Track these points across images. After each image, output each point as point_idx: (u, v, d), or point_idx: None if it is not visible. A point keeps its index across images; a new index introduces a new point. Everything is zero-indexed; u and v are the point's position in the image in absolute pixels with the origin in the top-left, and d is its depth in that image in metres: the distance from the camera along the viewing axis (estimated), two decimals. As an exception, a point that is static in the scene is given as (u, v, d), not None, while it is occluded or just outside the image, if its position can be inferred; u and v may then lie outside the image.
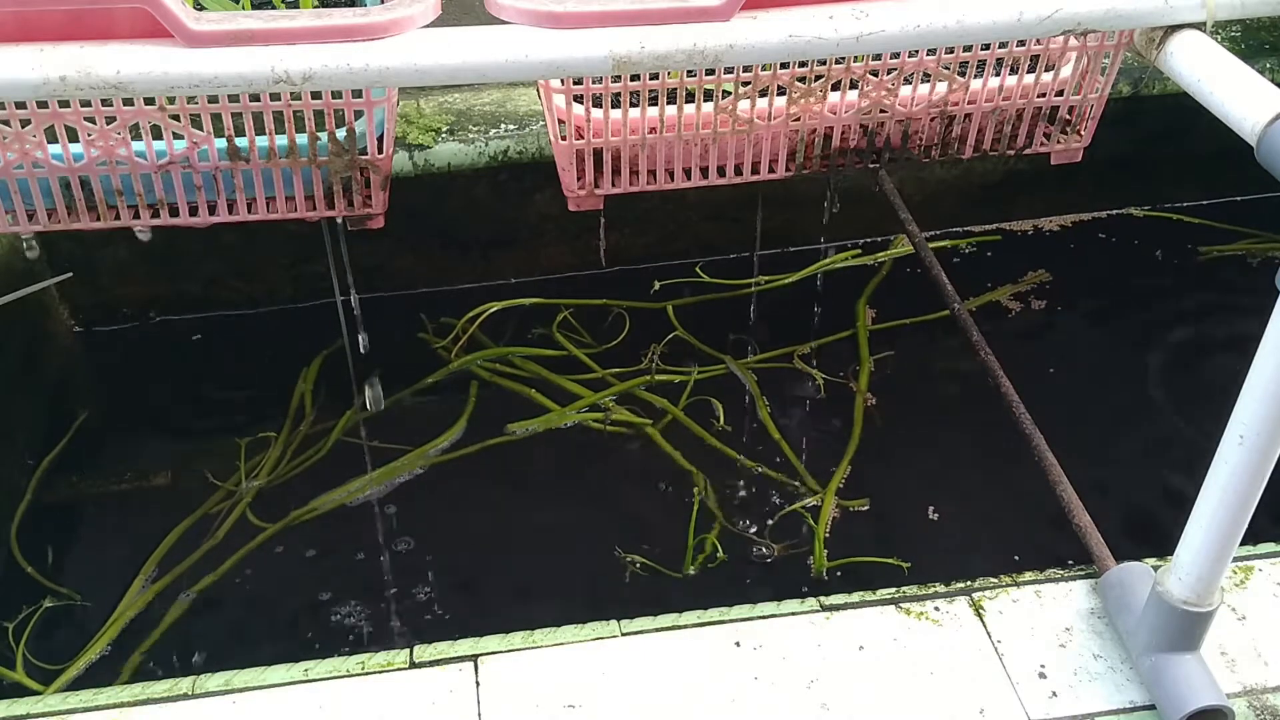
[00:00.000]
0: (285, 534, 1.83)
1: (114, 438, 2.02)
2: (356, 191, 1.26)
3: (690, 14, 1.04)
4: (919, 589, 1.40)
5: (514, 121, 2.04)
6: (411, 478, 1.92)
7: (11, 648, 1.67)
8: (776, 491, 1.89)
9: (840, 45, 1.07)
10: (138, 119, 1.15)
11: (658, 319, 2.21)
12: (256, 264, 2.17)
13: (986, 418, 1.80)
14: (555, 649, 1.33)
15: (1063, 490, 1.52)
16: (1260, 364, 1.04)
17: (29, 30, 1.00)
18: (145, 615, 1.71)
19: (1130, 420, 2.02)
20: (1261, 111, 0.99)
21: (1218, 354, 2.14)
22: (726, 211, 2.27)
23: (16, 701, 1.29)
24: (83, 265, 2.08)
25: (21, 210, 1.23)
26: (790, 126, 1.30)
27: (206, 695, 1.29)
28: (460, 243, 2.20)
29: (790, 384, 2.10)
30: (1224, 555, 1.17)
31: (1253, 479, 1.10)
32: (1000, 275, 2.32)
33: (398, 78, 1.03)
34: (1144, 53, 1.16)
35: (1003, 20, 1.09)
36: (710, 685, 1.29)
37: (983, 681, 1.29)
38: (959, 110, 1.33)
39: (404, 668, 1.31)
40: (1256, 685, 1.29)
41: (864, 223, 2.36)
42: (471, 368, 2.11)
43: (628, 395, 2.06)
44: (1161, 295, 2.29)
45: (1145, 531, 1.80)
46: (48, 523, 1.86)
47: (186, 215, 1.25)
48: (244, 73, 1.00)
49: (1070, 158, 1.41)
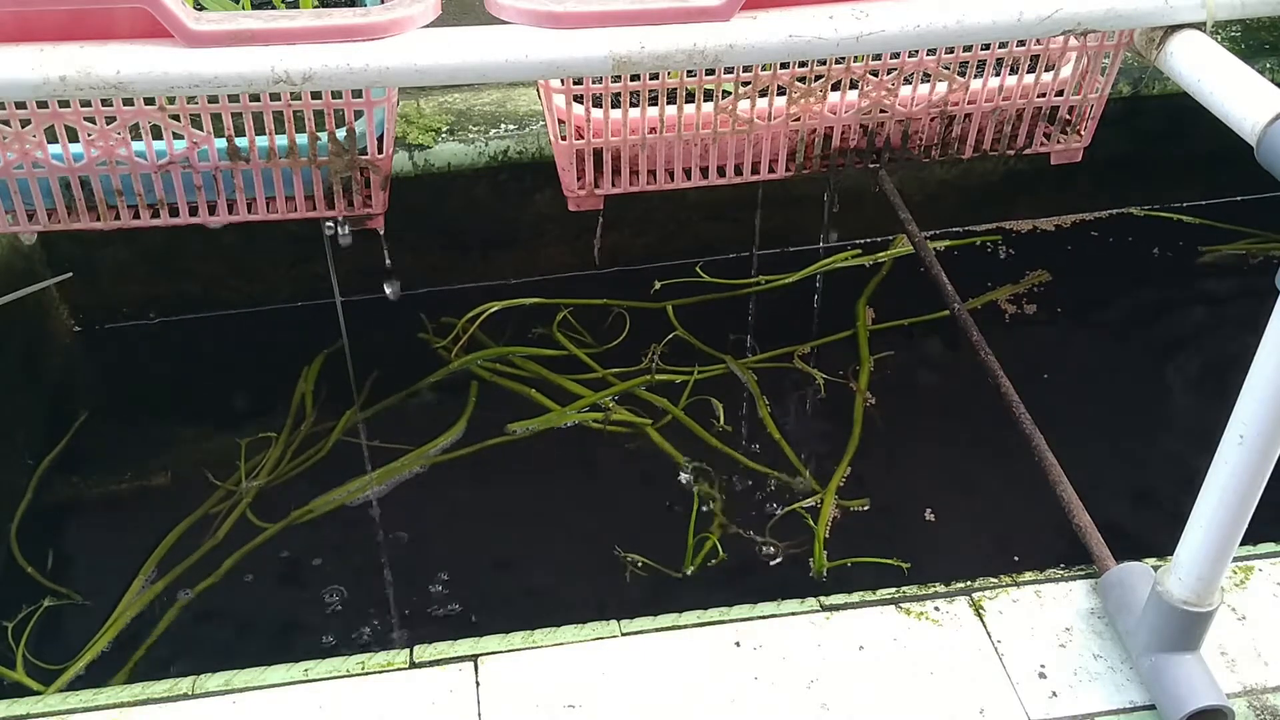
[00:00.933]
0: (285, 534, 1.83)
1: (114, 438, 2.02)
2: (356, 191, 1.26)
3: (690, 14, 1.04)
4: (919, 589, 1.40)
5: (514, 121, 2.04)
6: (411, 478, 1.92)
7: (11, 648, 1.67)
8: (776, 491, 1.89)
9: (840, 45, 1.07)
10: (138, 119, 1.15)
11: (658, 319, 2.21)
12: (256, 264, 2.17)
13: (986, 418, 1.79)
14: (555, 649, 1.33)
15: (1063, 490, 1.52)
16: (1260, 364, 1.04)
17: (29, 30, 1.00)
18: (145, 615, 1.71)
19: (1130, 420, 2.02)
20: (1261, 111, 0.99)
21: (1217, 354, 2.14)
22: (726, 211, 2.27)
23: (16, 701, 1.29)
24: (83, 265, 2.08)
25: (21, 210, 1.23)
26: (790, 126, 1.30)
27: (206, 695, 1.29)
28: (460, 243, 2.20)
29: (790, 384, 2.10)
30: (1224, 555, 1.17)
31: (1253, 479, 1.10)
32: (1000, 275, 2.32)
33: (398, 78, 1.03)
34: (1144, 53, 1.16)
35: (1003, 20, 1.09)
36: (710, 685, 1.29)
37: (983, 681, 1.29)
38: (959, 110, 1.33)
39: (404, 668, 1.31)
40: (1256, 685, 1.29)
41: (864, 223, 2.36)
42: (471, 368, 2.11)
43: (628, 395, 2.06)
44: (1161, 295, 2.29)
45: (1145, 531, 1.79)
46: (48, 523, 1.86)
47: (186, 215, 1.26)
48: (244, 73, 1.00)
49: (1070, 158, 1.41)
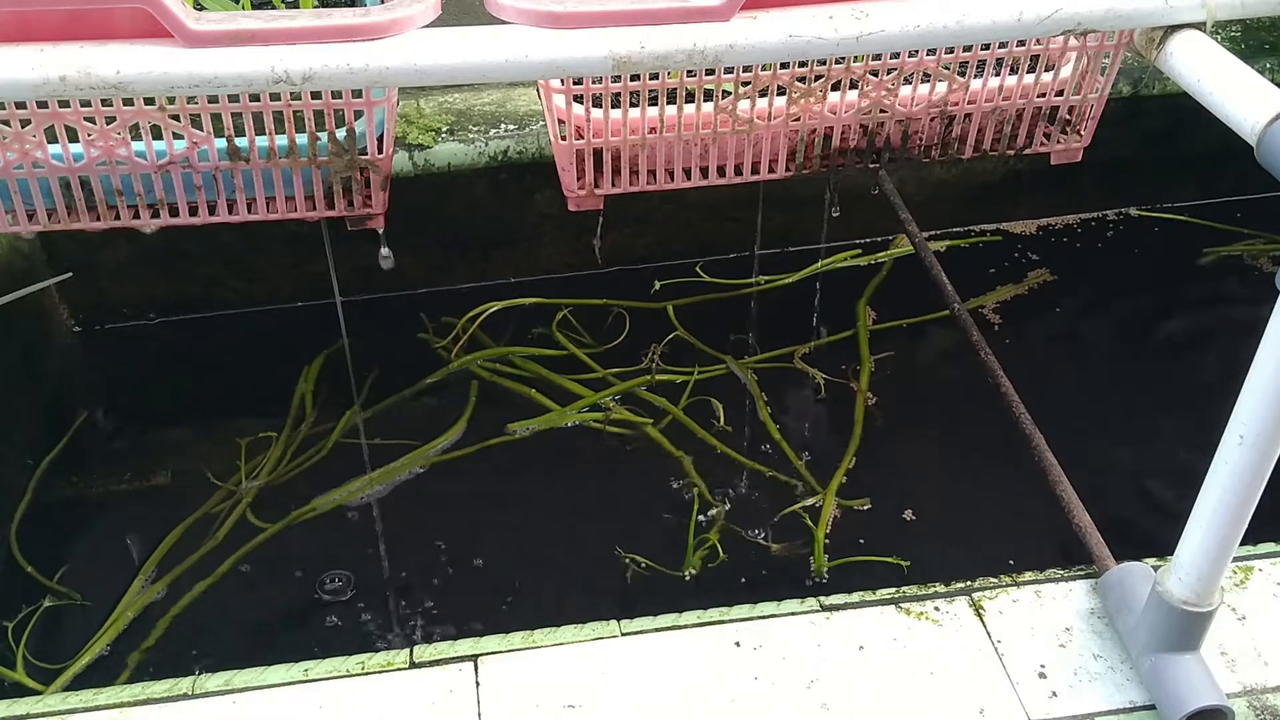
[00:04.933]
0: (285, 534, 1.83)
1: (114, 438, 2.02)
2: (356, 191, 1.26)
3: (690, 14, 1.04)
4: (919, 589, 1.40)
5: (514, 121, 2.04)
6: (412, 477, 1.92)
7: (11, 648, 1.67)
8: (777, 491, 1.89)
9: (840, 45, 1.07)
10: (138, 119, 1.15)
11: (658, 319, 2.21)
12: (256, 264, 2.17)
13: (986, 418, 1.79)
14: (555, 649, 1.33)
15: (1062, 490, 1.52)
16: (1260, 364, 1.04)
17: (29, 30, 1.00)
18: (145, 615, 1.71)
19: (1130, 420, 2.02)
20: (1261, 111, 0.99)
21: (1217, 354, 2.14)
22: (726, 211, 2.27)
23: (16, 701, 1.29)
24: (83, 265, 2.08)
25: (21, 210, 1.23)
26: (790, 126, 1.30)
27: (206, 695, 1.29)
28: (460, 243, 2.20)
29: (790, 384, 2.10)
30: (1224, 555, 1.17)
31: (1253, 479, 1.10)
32: (1000, 275, 2.32)
33: (398, 78, 1.03)
34: (1144, 53, 1.16)
35: (1003, 20, 1.09)
36: (710, 685, 1.29)
37: (983, 681, 1.29)
38: (959, 110, 1.33)
39: (404, 668, 1.31)
40: (1256, 685, 1.29)
41: (864, 223, 2.36)
42: (471, 368, 2.11)
43: (628, 395, 2.06)
44: (1161, 295, 2.29)
45: (1145, 531, 1.79)
46: (48, 523, 1.86)
47: (186, 215, 1.25)
48: (244, 73, 1.00)
49: (1070, 158, 1.41)
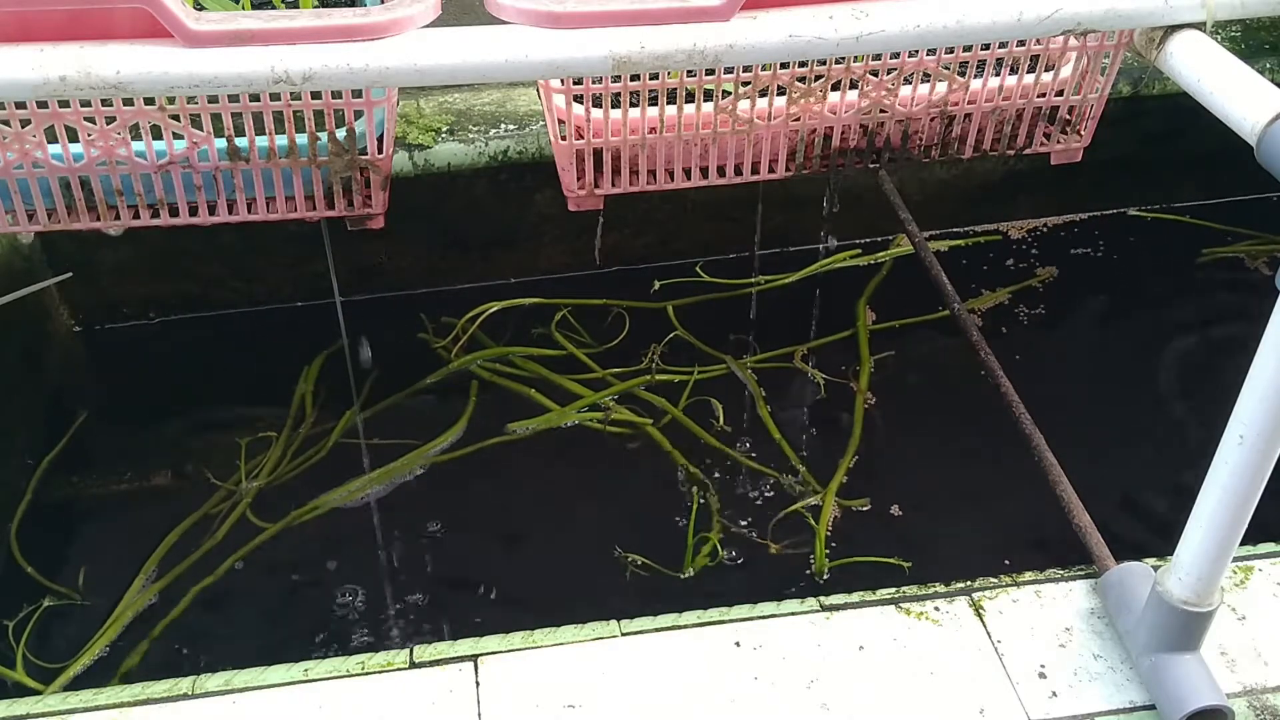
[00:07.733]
0: (285, 534, 1.83)
1: (114, 438, 2.02)
2: (356, 191, 1.26)
3: (690, 14, 1.04)
4: (919, 589, 1.40)
5: (514, 121, 2.04)
6: (411, 478, 1.92)
7: (11, 647, 1.67)
8: (777, 491, 1.89)
9: (840, 45, 1.07)
10: (138, 119, 1.15)
11: (658, 319, 2.21)
12: (256, 264, 2.17)
13: (986, 417, 1.79)
14: (555, 649, 1.33)
15: (1063, 490, 1.52)
16: (1260, 364, 1.04)
17: (29, 30, 1.00)
18: (145, 615, 1.71)
19: (1130, 420, 2.02)
20: (1261, 111, 0.99)
21: (1217, 354, 2.14)
22: (726, 211, 2.27)
23: (16, 701, 1.29)
24: (83, 265, 2.08)
25: (21, 210, 1.23)
26: (790, 126, 1.30)
27: (206, 695, 1.29)
28: (460, 243, 2.20)
29: (790, 384, 2.10)
30: (1224, 555, 1.17)
31: (1253, 479, 1.10)
32: (1000, 275, 2.32)
33: (398, 78, 1.03)
34: (1144, 53, 1.16)
35: (1003, 20, 1.09)
36: (710, 685, 1.29)
37: (983, 681, 1.29)
38: (959, 110, 1.33)
39: (404, 668, 1.31)
40: (1256, 685, 1.29)
41: (864, 223, 2.36)
42: (471, 368, 2.11)
43: (628, 395, 2.06)
44: (1161, 295, 2.29)
45: (1145, 531, 1.79)
46: (48, 523, 1.86)
47: (186, 215, 1.25)
48: (244, 73, 1.00)
49: (1070, 158, 1.41)
